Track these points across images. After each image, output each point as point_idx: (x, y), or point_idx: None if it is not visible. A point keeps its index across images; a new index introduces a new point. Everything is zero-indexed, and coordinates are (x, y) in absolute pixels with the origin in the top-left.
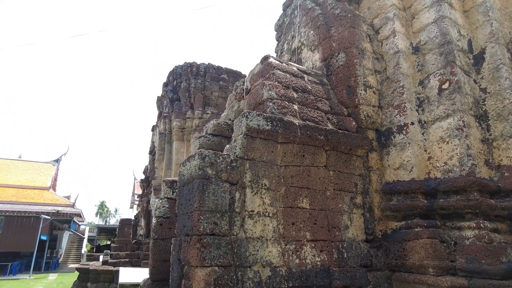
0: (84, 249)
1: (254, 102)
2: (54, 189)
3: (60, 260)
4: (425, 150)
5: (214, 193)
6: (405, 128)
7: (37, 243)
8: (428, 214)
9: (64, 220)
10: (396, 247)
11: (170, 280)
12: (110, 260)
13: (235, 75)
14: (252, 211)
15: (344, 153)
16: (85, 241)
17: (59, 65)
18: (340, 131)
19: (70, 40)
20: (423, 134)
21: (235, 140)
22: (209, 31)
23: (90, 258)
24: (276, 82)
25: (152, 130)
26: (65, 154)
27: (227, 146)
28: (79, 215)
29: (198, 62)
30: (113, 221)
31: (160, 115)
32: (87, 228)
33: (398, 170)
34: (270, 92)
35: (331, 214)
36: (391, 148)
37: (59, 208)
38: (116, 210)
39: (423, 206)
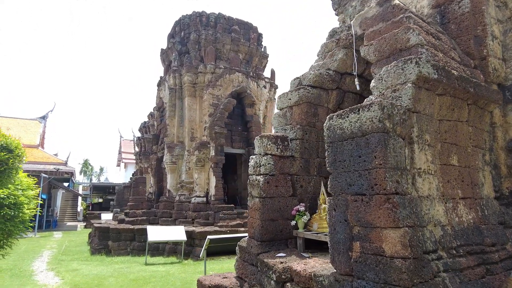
0: (80, 207)
1: (390, 48)
2: (43, 147)
3: (57, 218)
4: None
5: (394, 148)
6: None
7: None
8: None
9: (62, 179)
10: None
11: (330, 242)
12: (127, 219)
13: (247, 27)
14: (420, 168)
15: (480, 108)
16: (79, 199)
17: (44, 18)
18: (482, 84)
19: None
20: None
21: (394, 90)
22: None
23: (91, 216)
24: (417, 26)
25: (159, 85)
26: (51, 111)
27: (371, 97)
28: (72, 173)
29: (208, 12)
30: (101, 179)
31: (167, 69)
32: (80, 186)
33: None
34: (420, 37)
35: (472, 171)
36: None
37: (58, 167)
38: (101, 169)
39: None
